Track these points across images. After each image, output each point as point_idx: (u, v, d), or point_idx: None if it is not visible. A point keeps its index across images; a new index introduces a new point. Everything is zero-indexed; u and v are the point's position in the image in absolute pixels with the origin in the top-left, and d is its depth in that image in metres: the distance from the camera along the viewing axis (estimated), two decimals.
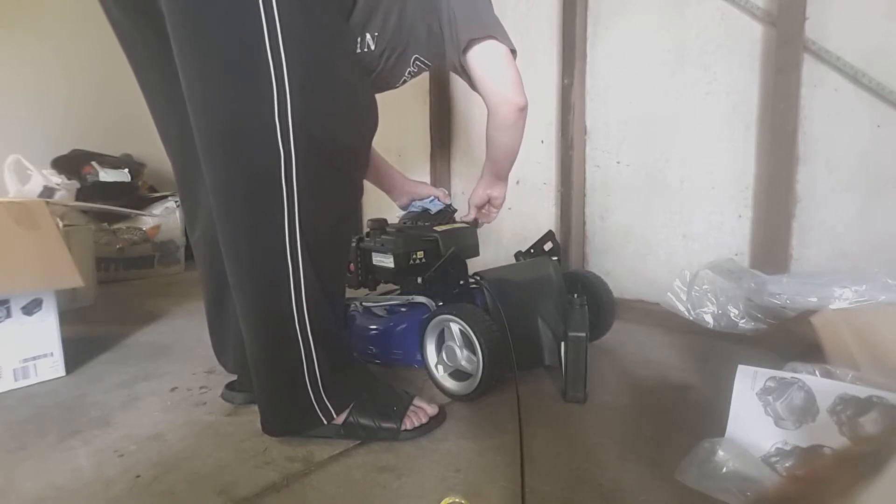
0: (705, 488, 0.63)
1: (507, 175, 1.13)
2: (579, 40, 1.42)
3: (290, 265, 0.70)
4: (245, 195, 0.69)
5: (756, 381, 0.70)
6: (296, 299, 0.72)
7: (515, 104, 0.91)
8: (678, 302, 0.98)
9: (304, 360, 0.74)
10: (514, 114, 0.93)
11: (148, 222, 2.15)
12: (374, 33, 0.81)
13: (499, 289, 1.00)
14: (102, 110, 2.41)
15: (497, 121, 0.95)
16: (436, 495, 0.64)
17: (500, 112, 0.93)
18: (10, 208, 1.03)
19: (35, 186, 1.81)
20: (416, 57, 0.88)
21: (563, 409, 0.89)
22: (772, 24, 1.14)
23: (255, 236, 0.70)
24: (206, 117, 0.68)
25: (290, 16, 0.65)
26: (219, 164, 0.69)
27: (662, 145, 1.35)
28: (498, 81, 0.90)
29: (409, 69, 0.90)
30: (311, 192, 0.71)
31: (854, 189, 1.09)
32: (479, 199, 1.16)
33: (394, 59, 0.86)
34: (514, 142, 1.01)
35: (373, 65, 0.85)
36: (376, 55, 0.84)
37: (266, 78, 0.65)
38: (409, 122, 1.95)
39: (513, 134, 0.98)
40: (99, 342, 1.28)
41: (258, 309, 0.73)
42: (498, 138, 1.00)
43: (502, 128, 0.96)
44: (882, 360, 0.74)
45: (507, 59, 0.89)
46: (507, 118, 0.94)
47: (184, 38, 0.65)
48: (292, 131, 0.67)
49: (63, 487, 0.69)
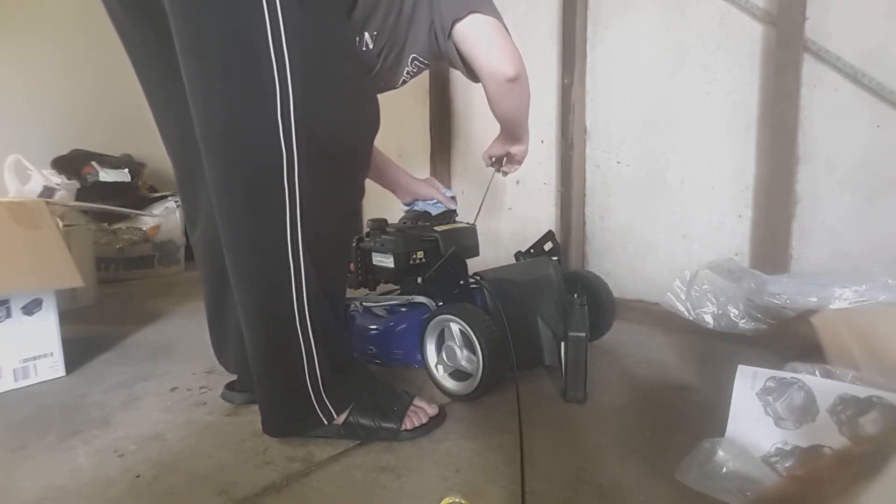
0: (705, 488, 0.63)
1: (521, 136, 1.09)
2: (579, 40, 1.42)
3: (292, 265, 0.70)
4: (246, 195, 0.69)
5: (756, 381, 0.70)
6: (297, 300, 0.72)
7: (502, 75, 0.86)
8: (678, 302, 0.98)
9: (305, 361, 0.74)
10: (503, 86, 0.88)
11: (148, 222, 2.15)
12: (373, 32, 0.81)
13: (499, 289, 1.00)
14: (102, 110, 2.41)
15: (489, 94, 0.91)
16: (436, 495, 0.64)
17: (488, 86, 0.89)
18: (10, 208, 1.03)
19: (35, 186, 1.81)
20: (414, 57, 0.88)
21: (563, 409, 0.89)
22: (772, 24, 1.14)
23: (256, 236, 0.70)
24: (208, 116, 0.67)
25: (292, 14, 0.64)
26: (220, 163, 0.69)
27: (662, 145, 1.35)
28: (483, 53, 0.85)
29: (408, 69, 0.89)
30: (313, 192, 0.70)
31: (854, 189, 1.09)
32: (495, 150, 1.14)
33: (391, 59, 0.86)
34: (515, 109, 0.97)
35: (371, 64, 0.85)
36: (374, 54, 0.84)
37: (268, 76, 0.65)
38: (409, 122, 1.95)
39: (511, 104, 0.94)
40: (99, 342, 1.28)
41: (259, 309, 0.73)
42: (496, 109, 0.96)
43: (496, 100, 0.93)
44: (882, 360, 0.74)
45: (492, 29, 0.84)
46: (497, 91, 0.90)
47: (185, 37, 0.65)
48: (294, 131, 0.67)
49: (63, 487, 0.69)
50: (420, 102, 1.90)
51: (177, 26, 0.65)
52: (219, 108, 0.67)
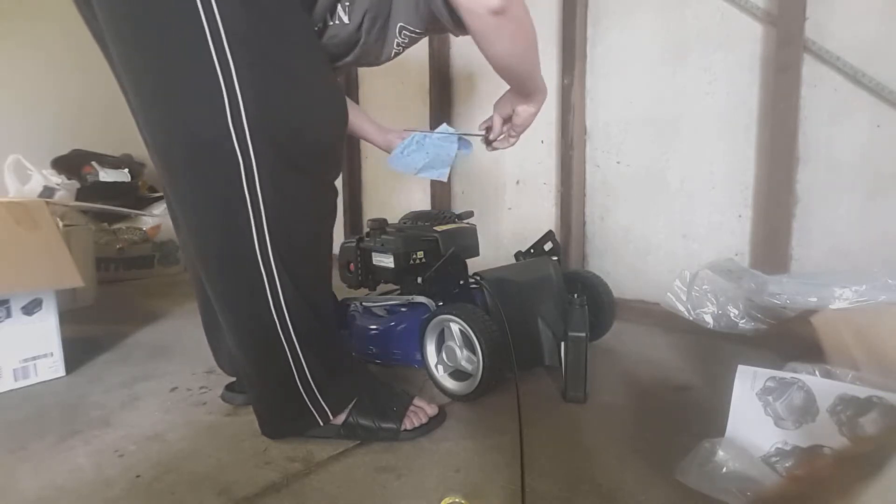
0: (705, 488, 0.63)
1: (529, 92, 0.94)
2: (579, 40, 1.42)
3: (265, 275, 0.69)
4: (207, 208, 0.67)
5: (756, 381, 0.69)
6: (275, 307, 0.70)
7: (483, 5, 0.68)
8: (678, 302, 0.98)
9: (293, 365, 0.73)
10: (486, 21, 0.70)
11: (148, 222, 2.15)
12: (345, 3, 0.75)
13: (499, 289, 1.00)
14: (102, 110, 2.39)
15: (475, 38, 0.75)
16: (436, 495, 0.64)
17: (471, 25, 0.72)
18: (10, 208, 1.03)
19: (35, 186, 1.81)
20: (402, 26, 0.79)
21: (563, 409, 0.89)
22: (772, 24, 1.14)
23: (224, 248, 0.69)
24: (156, 128, 0.66)
25: (232, 16, 0.61)
26: (176, 175, 0.67)
27: (662, 145, 1.35)
28: None
29: (397, 40, 0.81)
30: (279, 198, 0.68)
31: (854, 189, 1.09)
32: (502, 108, 0.98)
33: (376, 31, 0.78)
34: (509, 53, 0.79)
35: (353, 38, 0.78)
36: (352, 28, 0.76)
37: (214, 84, 0.62)
38: (409, 122, 1.95)
39: (503, 46, 0.76)
40: (99, 342, 1.28)
41: (239, 318, 0.73)
42: (487, 56, 0.78)
43: (483, 43, 0.75)
44: (882, 360, 0.74)
45: None
46: (481, 30, 0.72)
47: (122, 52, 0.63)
48: (250, 137, 0.64)
49: (63, 487, 0.69)
50: (420, 102, 1.90)
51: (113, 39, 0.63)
52: (165, 121, 0.65)
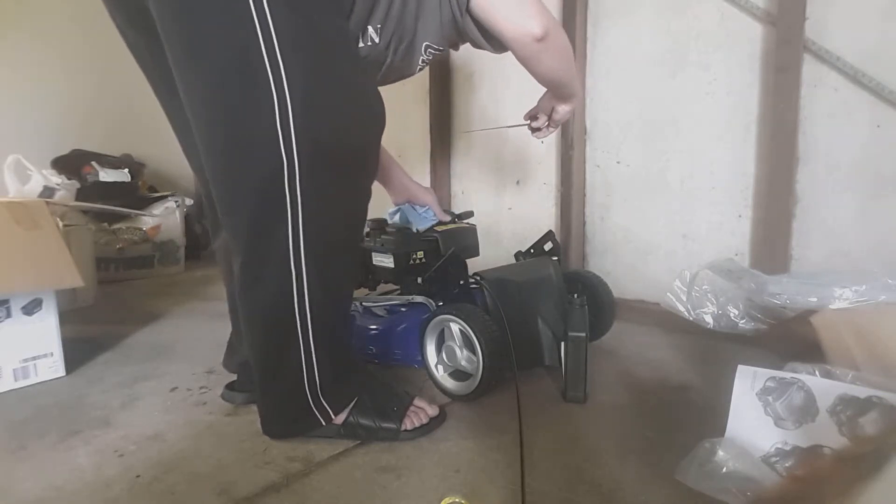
0: (705, 488, 0.63)
1: (568, 96, 0.98)
2: (579, 40, 1.42)
3: (294, 274, 0.70)
4: (247, 205, 0.69)
5: (756, 381, 0.70)
6: (299, 308, 0.71)
7: (528, 35, 0.76)
8: (678, 302, 0.98)
9: (304, 365, 0.74)
10: (531, 48, 0.78)
11: (148, 222, 2.15)
12: (376, 25, 0.78)
13: (499, 289, 1.00)
14: (102, 110, 2.41)
15: (521, 61, 0.83)
16: (436, 495, 0.64)
17: (517, 52, 0.81)
18: (10, 208, 1.03)
19: (35, 186, 1.81)
20: (427, 45, 0.83)
21: (563, 409, 0.89)
22: (772, 24, 1.14)
23: (259, 246, 0.70)
24: (207, 129, 0.68)
25: (283, 22, 0.64)
26: (221, 173, 0.69)
27: (662, 145, 1.35)
28: (501, 14, 0.77)
29: (422, 57, 0.85)
30: (317, 200, 0.70)
31: (854, 189, 1.09)
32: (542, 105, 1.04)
33: (402, 50, 0.82)
34: (554, 71, 0.87)
35: (381, 58, 0.83)
36: (382, 48, 0.81)
37: (265, 87, 0.64)
38: (409, 122, 1.95)
39: (548, 65, 0.84)
40: (99, 342, 1.28)
41: (261, 313, 0.73)
42: (534, 74, 0.87)
43: (530, 66, 0.84)
44: (882, 360, 0.74)
45: None
46: (527, 56, 0.81)
47: (178, 52, 0.65)
48: (295, 139, 0.66)
49: (63, 487, 0.69)
50: (420, 102, 1.90)
51: (168, 42, 0.65)
52: (217, 121, 0.67)
